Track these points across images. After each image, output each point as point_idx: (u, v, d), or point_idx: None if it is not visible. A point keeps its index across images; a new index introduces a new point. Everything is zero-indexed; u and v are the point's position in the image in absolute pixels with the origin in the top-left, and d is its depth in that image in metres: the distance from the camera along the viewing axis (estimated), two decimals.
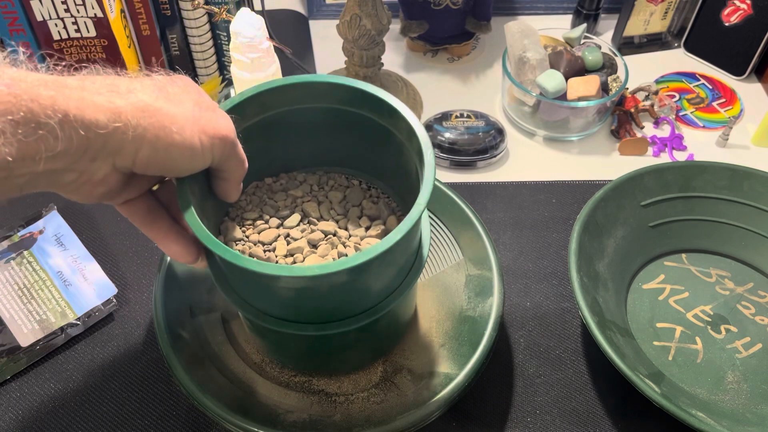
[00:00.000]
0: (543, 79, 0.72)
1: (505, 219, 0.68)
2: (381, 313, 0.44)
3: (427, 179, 0.40)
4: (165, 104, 0.35)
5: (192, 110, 0.36)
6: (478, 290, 0.55)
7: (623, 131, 0.78)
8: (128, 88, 0.34)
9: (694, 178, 0.63)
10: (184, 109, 0.36)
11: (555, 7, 0.93)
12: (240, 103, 0.44)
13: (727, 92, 0.84)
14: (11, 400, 0.53)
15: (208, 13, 0.72)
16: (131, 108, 0.33)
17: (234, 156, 0.39)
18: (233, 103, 0.43)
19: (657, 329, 0.58)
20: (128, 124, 0.32)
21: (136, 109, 0.33)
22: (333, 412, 0.49)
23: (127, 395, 0.54)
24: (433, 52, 0.88)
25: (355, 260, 0.37)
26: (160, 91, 0.35)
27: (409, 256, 0.45)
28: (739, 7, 0.82)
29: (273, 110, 0.46)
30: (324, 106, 0.46)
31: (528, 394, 0.55)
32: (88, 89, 0.32)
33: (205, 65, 0.77)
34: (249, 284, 0.43)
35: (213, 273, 0.44)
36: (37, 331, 0.56)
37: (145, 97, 0.34)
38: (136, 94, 0.34)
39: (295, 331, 0.44)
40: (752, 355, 0.57)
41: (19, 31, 0.65)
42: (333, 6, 0.92)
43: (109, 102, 0.32)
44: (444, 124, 0.74)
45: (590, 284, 0.55)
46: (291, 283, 0.40)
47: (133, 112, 0.33)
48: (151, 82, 0.36)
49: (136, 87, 0.34)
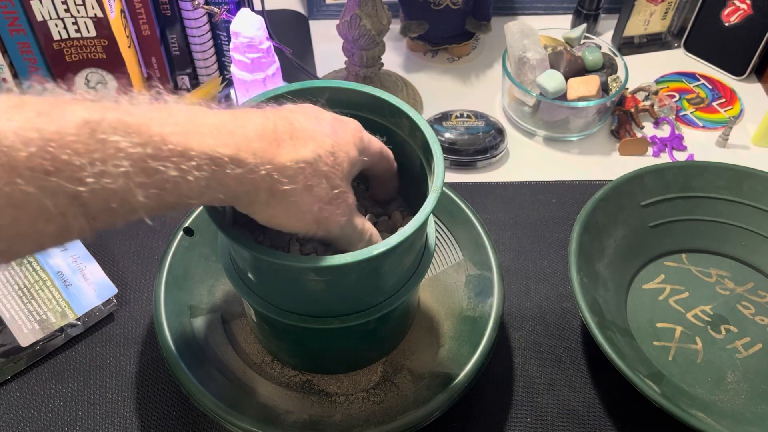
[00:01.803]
0: (543, 79, 0.72)
1: (505, 219, 0.68)
2: (399, 301, 0.45)
3: (438, 164, 0.42)
4: (303, 197, 0.35)
5: (321, 204, 0.37)
6: (478, 290, 0.55)
7: (623, 131, 0.78)
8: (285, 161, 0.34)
9: (694, 178, 0.63)
10: (315, 205, 0.36)
11: (555, 7, 0.93)
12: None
13: (727, 92, 0.84)
14: (11, 400, 0.53)
15: (208, 13, 0.72)
16: (268, 191, 0.34)
17: (342, 238, 0.40)
18: None
19: (657, 329, 0.58)
20: (259, 200, 0.34)
21: (273, 192, 0.34)
22: (333, 413, 0.49)
23: (127, 395, 0.54)
24: (433, 52, 0.88)
25: (387, 244, 0.38)
26: (311, 176, 0.35)
27: (421, 245, 0.47)
28: (739, 7, 0.82)
29: None
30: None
31: (528, 394, 0.55)
32: (242, 154, 0.32)
33: (205, 65, 0.77)
34: (276, 283, 0.44)
35: (231, 278, 0.45)
36: (37, 332, 0.56)
37: (291, 185, 0.34)
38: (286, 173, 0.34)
39: (320, 326, 0.45)
40: (752, 355, 0.57)
41: (19, 31, 0.65)
42: (333, 6, 0.92)
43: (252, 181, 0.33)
44: (444, 124, 0.74)
45: (590, 284, 0.55)
46: (328, 273, 0.40)
47: (269, 193, 0.34)
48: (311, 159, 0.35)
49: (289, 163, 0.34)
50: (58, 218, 0.27)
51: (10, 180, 0.25)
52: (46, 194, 0.26)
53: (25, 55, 0.67)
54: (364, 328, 0.47)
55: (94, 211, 0.28)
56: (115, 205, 0.28)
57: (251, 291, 0.45)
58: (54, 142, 0.26)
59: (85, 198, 0.27)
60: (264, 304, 0.45)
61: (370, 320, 0.45)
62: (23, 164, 0.25)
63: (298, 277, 0.42)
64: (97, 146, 0.27)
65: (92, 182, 0.27)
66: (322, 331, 0.47)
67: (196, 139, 0.30)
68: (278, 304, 0.45)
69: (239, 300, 0.56)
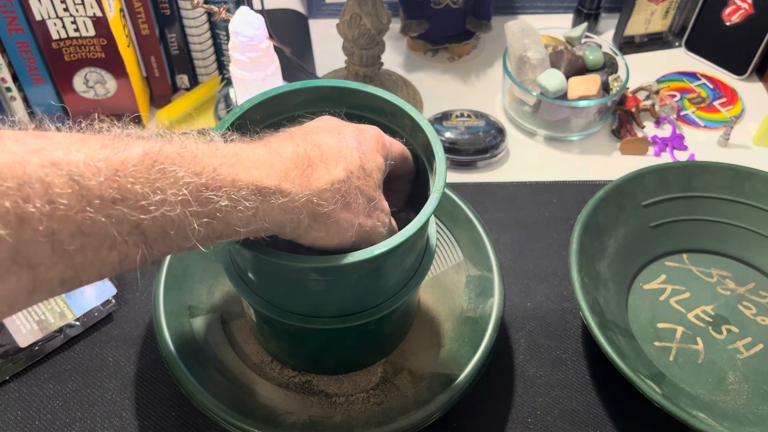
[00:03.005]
0: (543, 78, 0.72)
1: (506, 219, 0.67)
2: (399, 302, 0.45)
3: (440, 164, 0.42)
4: (342, 214, 0.37)
5: (362, 218, 0.38)
6: (478, 291, 0.55)
7: (624, 131, 0.78)
8: (321, 185, 0.35)
9: (696, 178, 0.63)
10: (356, 219, 0.37)
11: (556, 6, 0.93)
12: (247, 110, 0.44)
13: (728, 92, 0.84)
14: (10, 400, 0.53)
15: (207, 12, 0.72)
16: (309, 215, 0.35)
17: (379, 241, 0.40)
18: (241, 111, 0.44)
19: (658, 329, 0.58)
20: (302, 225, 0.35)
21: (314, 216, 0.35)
22: (333, 413, 0.49)
23: (126, 396, 0.54)
24: (434, 52, 0.88)
25: (388, 244, 0.38)
26: (347, 192, 0.37)
27: (422, 245, 0.47)
28: (740, 7, 0.82)
29: (278, 116, 0.46)
30: (327, 110, 0.46)
31: (529, 394, 0.55)
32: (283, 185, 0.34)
33: (205, 65, 0.77)
34: (276, 283, 0.44)
35: (232, 278, 0.45)
36: (36, 332, 0.56)
37: (330, 205, 0.36)
38: (324, 197, 0.35)
39: (321, 326, 0.45)
40: (753, 356, 0.56)
41: (18, 31, 0.65)
42: (333, 5, 0.92)
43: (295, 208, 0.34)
44: (444, 124, 0.74)
45: (591, 284, 0.55)
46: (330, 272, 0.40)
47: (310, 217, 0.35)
48: (344, 177, 0.37)
49: (325, 185, 0.36)
50: (121, 246, 0.28)
51: (81, 208, 0.26)
52: (112, 222, 0.27)
53: (23, 55, 0.67)
54: (364, 328, 0.46)
55: (152, 239, 0.29)
56: (173, 233, 0.29)
57: (251, 291, 0.45)
58: (120, 172, 0.28)
59: (146, 226, 0.29)
60: (264, 304, 0.45)
61: (370, 321, 0.45)
62: (93, 193, 0.27)
63: (298, 277, 0.41)
64: (158, 176, 0.29)
65: (153, 210, 0.28)
66: (322, 332, 0.47)
67: (243, 172, 0.32)
68: (278, 304, 0.45)
69: (239, 300, 0.55)
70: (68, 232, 0.26)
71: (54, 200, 0.26)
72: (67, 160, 0.27)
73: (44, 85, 0.70)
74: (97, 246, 0.27)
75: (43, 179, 0.26)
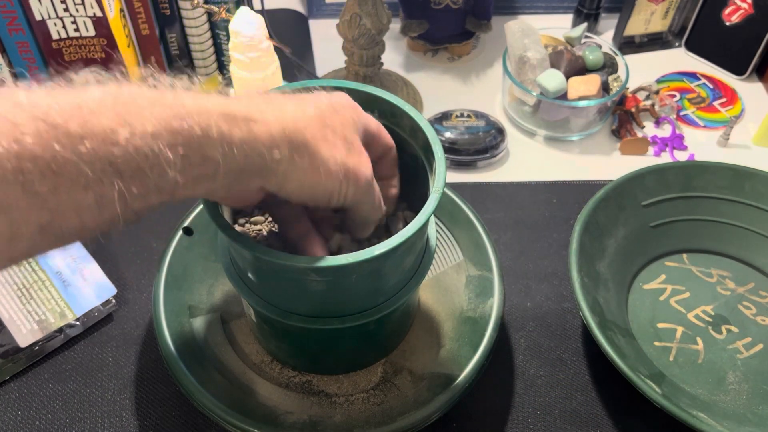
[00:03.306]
0: (543, 78, 0.72)
1: (506, 219, 0.67)
2: (399, 302, 0.45)
3: (439, 164, 0.42)
4: (322, 146, 0.36)
5: (343, 154, 0.37)
6: (478, 291, 0.55)
7: (624, 131, 0.78)
8: (293, 117, 0.35)
9: (696, 178, 0.63)
10: (337, 153, 0.37)
11: (555, 6, 0.93)
12: None
13: (728, 92, 0.84)
14: (10, 400, 0.53)
15: (207, 12, 0.72)
16: (288, 144, 0.34)
17: (366, 200, 0.40)
18: None
19: (658, 329, 0.58)
20: (283, 158, 0.34)
21: (293, 145, 0.34)
22: (333, 413, 0.49)
23: (126, 396, 0.54)
24: (434, 52, 0.88)
25: (388, 245, 0.38)
26: (321, 127, 0.36)
27: (422, 245, 0.47)
28: (740, 7, 0.82)
29: None
30: None
31: (528, 394, 0.55)
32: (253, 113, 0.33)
33: (205, 65, 0.77)
34: (276, 283, 0.44)
35: (231, 278, 0.45)
36: (36, 332, 0.56)
37: (306, 134, 0.35)
38: (297, 126, 0.35)
39: (320, 326, 0.45)
40: (753, 356, 0.56)
41: (18, 31, 0.65)
42: (333, 5, 0.92)
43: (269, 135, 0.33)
44: (444, 124, 0.74)
45: (591, 284, 0.55)
46: (328, 273, 0.40)
47: (290, 147, 0.34)
48: (315, 114, 0.36)
49: (298, 116, 0.35)
50: (96, 185, 0.28)
51: (49, 146, 0.26)
52: (83, 160, 0.27)
53: (24, 55, 0.67)
54: (364, 328, 0.46)
55: (127, 177, 0.29)
56: (148, 169, 0.29)
57: (251, 291, 0.45)
58: (85, 108, 0.28)
59: (119, 163, 0.28)
60: (264, 305, 0.45)
61: (370, 321, 0.45)
62: (59, 130, 0.27)
63: (298, 277, 0.41)
64: (122, 109, 0.28)
65: (124, 143, 0.28)
66: (322, 332, 0.47)
67: (208, 101, 0.32)
68: (278, 304, 0.45)
69: (239, 300, 0.55)
70: (38, 172, 0.26)
71: (20, 139, 0.25)
72: (30, 101, 0.27)
73: None
74: (70, 186, 0.27)
75: (7, 118, 0.26)
